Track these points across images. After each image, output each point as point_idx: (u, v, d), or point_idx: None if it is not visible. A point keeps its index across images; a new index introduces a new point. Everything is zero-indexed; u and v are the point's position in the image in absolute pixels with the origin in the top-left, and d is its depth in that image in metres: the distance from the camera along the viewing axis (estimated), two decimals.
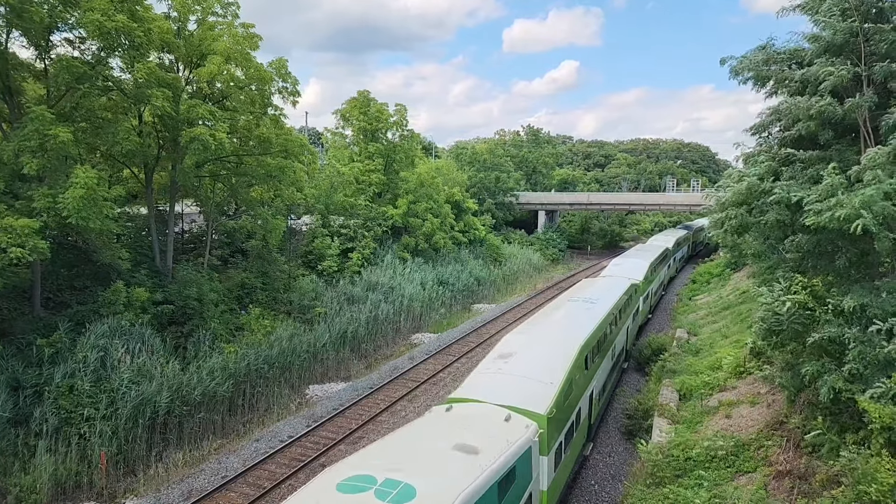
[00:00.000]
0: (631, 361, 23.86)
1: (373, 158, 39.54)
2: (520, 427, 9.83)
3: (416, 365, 24.71)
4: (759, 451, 11.72)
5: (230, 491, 14.72)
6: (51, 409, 15.62)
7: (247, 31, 23.75)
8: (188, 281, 22.01)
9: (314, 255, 31.81)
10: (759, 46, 12.46)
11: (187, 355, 20.08)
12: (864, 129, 10.49)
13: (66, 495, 14.67)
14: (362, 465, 7.70)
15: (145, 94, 19.27)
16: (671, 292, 40.56)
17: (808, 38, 11.35)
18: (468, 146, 68.39)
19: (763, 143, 12.93)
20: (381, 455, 8.24)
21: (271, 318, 24.59)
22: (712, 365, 18.72)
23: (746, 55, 12.30)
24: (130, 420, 16.49)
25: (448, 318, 34.20)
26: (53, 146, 16.20)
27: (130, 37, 18.13)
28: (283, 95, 25.04)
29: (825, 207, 8.83)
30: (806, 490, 9.58)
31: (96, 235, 18.26)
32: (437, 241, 40.82)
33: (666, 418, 15.51)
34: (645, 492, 11.46)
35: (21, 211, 16.05)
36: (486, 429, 9.44)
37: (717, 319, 27.03)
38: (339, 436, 17.81)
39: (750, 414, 13.91)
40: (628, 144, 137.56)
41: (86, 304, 19.11)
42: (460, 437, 8.80)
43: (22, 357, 16.51)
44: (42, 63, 18.49)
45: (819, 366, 9.85)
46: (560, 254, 60.45)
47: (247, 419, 19.53)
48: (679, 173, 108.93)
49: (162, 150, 22.50)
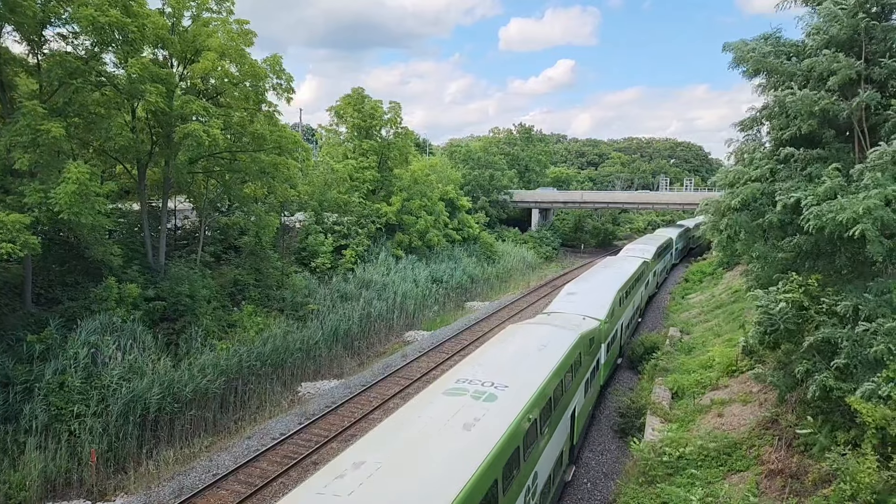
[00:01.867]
0: (624, 360, 24.02)
1: (367, 155, 39.43)
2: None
3: (409, 363, 24.70)
4: (752, 450, 11.82)
5: (221, 489, 14.65)
6: (41, 405, 15.47)
7: (241, 27, 23.60)
8: (180, 277, 21.87)
9: (307, 252, 31.71)
10: (763, 36, 12.25)
11: (179, 352, 19.96)
12: (858, 128, 10.53)
13: (56, 492, 14.54)
14: None
15: (139, 89, 19.11)
16: (664, 291, 40.81)
17: (810, 30, 11.13)
18: (462, 144, 68.39)
19: (753, 140, 12.87)
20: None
21: (264, 315, 24.49)
22: (705, 363, 18.86)
23: (749, 42, 11.92)
24: (121, 417, 16.37)
25: (441, 315, 34.21)
26: (46, 141, 16.04)
27: (124, 32, 17.97)
28: (277, 92, 24.92)
29: (826, 210, 8.83)
30: (798, 489, 9.68)
31: (88, 231, 18.08)
32: (431, 239, 40.80)
33: (658, 417, 15.62)
34: (637, 490, 11.54)
35: (12, 206, 15.88)
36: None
37: (710, 318, 27.23)
38: (331, 433, 17.77)
39: (742, 412, 14.02)
40: (622, 143, 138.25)
41: (77, 300, 18.94)
42: None
43: (12, 353, 16.34)
44: (35, 58, 18.28)
45: (810, 364, 9.94)
46: (554, 252, 60.65)
47: (238, 416, 19.45)
48: (672, 172, 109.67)
49: (155, 145, 22.32)
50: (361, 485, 6.86)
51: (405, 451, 7.84)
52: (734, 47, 11.97)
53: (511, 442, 8.80)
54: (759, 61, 11.41)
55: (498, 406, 9.42)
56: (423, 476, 7.30)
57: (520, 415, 9.37)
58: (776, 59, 11.37)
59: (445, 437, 8.31)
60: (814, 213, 9.10)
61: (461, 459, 7.71)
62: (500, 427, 8.76)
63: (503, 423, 8.90)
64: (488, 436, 8.42)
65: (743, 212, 10.96)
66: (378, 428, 8.88)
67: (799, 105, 10.06)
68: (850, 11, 9.93)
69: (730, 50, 12.05)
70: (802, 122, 10.43)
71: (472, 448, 8.03)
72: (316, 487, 6.94)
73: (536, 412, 10.29)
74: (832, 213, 8.73)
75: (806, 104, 10.03)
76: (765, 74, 12.03)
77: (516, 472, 9.15)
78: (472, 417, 8.86)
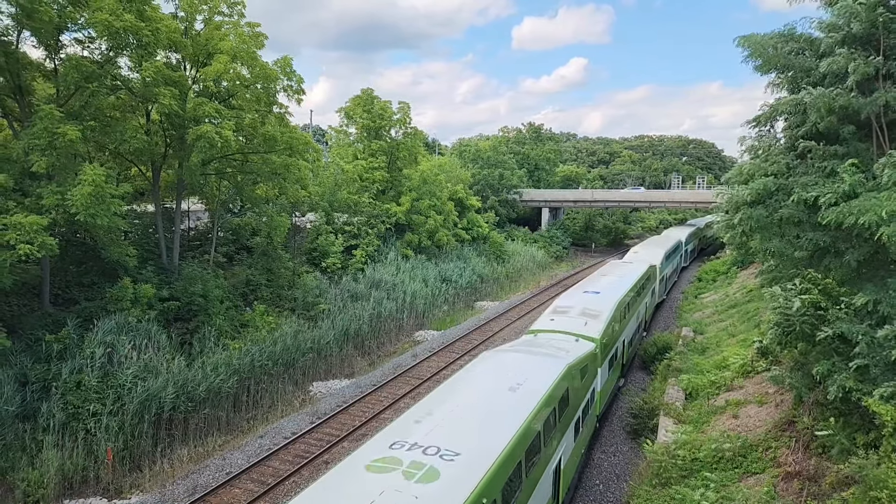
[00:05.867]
0: (636, 360, 23.81)
1: (376, 156, 39.53)
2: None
3: (420, 362, 24.73)
4: (768, 452, 11.65)
5: (234, 487, 14.79)
6: (58, 404, 15.71)
7: (252, 30, 23.78)
8: (194, 278, 22.10)
9: (318, 253, 31.87)
10: (780, 33, 11.98)
11: (192, 351, 20.16)
12: (876, 124, 10.35)
13: (73, 490, 14.78)
14: None
15: (153, 92, 19.33)
16: (676, 290, 40.40)
17: (824, 27, 10.91)
18: (471, 143, 68.27)
19: (766, 136, 12.64)
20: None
21: (275, 315, 24.66)
22: (719, 364, 18.63)
23: (763, 36, 11.58)
24: (136, 416, 16.57)
25: (451, 315, 34.22)
26: (62, 144, 16.28)
27: (138, 36, 18.17)
28: (288, 93, 25.08)
29: (846, 211, 8.66)
30: (815, 492, 9.52)
31: (104, 232, 18.34)
32: (440, 239, 40.81)
33: (672, 418, 15.46)
34: (651, 492, 11.44)
35: (30, 208, 16.13)
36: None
37: (724, 318, 26.89)
38: (342, 432, 17.85)
39: (758, 414, 13.83)
40: (633, 141, 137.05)
41: (93, 300, 19.22)
42: None
43: (30, 353, 16.62)
44: (52, 63, 18.58)
45: (829, 364, 9.77)
46: (564, 251, 60.32)
47: (251, 416, 19.61)
48: (685, 170, 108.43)
49: (169, 148, 22.57)
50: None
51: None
52: (748, 41, 11.71)
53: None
54: (776, 57, 11.19)
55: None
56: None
57: None
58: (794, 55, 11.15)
59: None
60: (833, 213, 8.93)
61: None
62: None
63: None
64: None
65: (757, 206, 10.74)
66: None
67: (818, 102, 9.83)
68: (869, 6, 9.73)
69: (744, 45, 11.77)
70: (820, 119, 10.23)
71: None
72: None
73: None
74: (853, 214, 8.56)
75: (825, 101, 9.81)
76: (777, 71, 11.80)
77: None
78: None
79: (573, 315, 17.46)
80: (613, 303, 18.91)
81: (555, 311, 18.20)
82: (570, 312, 17.71)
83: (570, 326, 16.34)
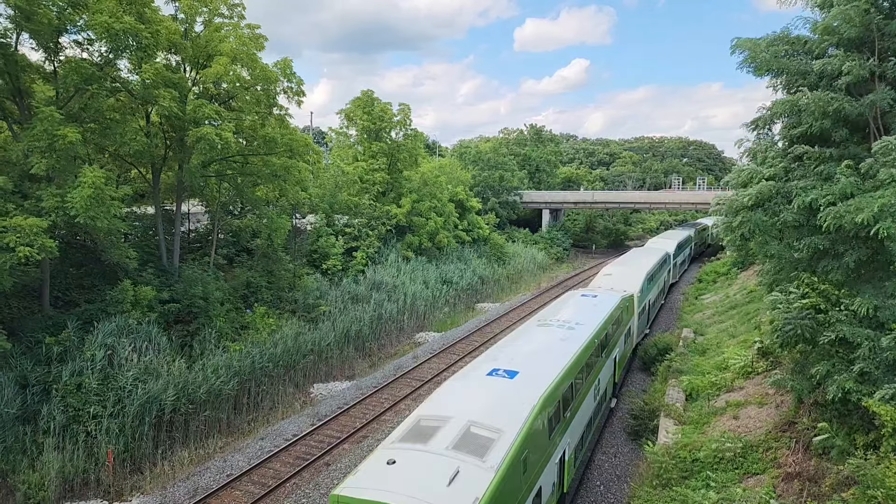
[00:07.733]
0: (636, 361, 23.82)
1: (376, 158, 39.55)
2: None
3: (420, 364, 24.72)
4: (768, 453, 11.65)
5: (235, 489, 14.78)
6: (58, 406, 15.72)
7: (252, 31, 23.82)
8: (194, 280, 22.11)
9: (318, 254, 31.88)
10: (777, 37, 11.98)
11: (193, 354, 20.17)
12: (873, 126, 10.36)
13: (74, 492, 14.77)
14: None
15: (152, 94, 19.36)
16: (677, 292, 40.39)
17: (818, 29, 10.93)
18: (472, 145, 68.29)
19: (764, 138, 12.63)
20: None
21: (276, 317, 24.67)
22: (719, 365, 18.63)
23: (758, 40, 11.59)
24: (137, 418, 16.58)
25: (452, 316, 34.19)
26: (62, 146, 16.30)
27: (138, 38, 18.19)
28: (288, 95, 25.11)
29: (843, 210, 8.68)
30: (816, 493, 9.51)
31: (104, 234, 18.37)
32: (441, 240, 40.81)
33: (672, 419, 15.46)
34: (651, 493, 11.43)
35: (30, 210, 16.16)
36: None
37: (724, 319, 26.88)
38: (343, 434, 17.84)
39: (758, 415, 13.82)
40: (633, 143, 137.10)
41: (94, 302, 19.23)
42: None
43: (31, 355, 16.63)
44: (51, 65, 18.60)
45: (829, 365, 9.77)
46: (564, 252, 60.32)
47: (252, 417, 19.60)
48: (685, 171, 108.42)
49: (169, 150, 22.60)
50: None
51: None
52: (742, 45, 11.69)
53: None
54: (771, 61, 11.20)
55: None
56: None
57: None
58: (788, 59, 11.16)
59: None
60: (831, 215, 8.94)
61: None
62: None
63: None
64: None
65: (757, 210, 10.76)
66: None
67: (812, 106, 9.91)
68: (861, 9, 9.77)
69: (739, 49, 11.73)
70: (815, 121, 10.27)
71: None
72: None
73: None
74: (849, 213, 8.58)
75: (819, 105, 9.90)
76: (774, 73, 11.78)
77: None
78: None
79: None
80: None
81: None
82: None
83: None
